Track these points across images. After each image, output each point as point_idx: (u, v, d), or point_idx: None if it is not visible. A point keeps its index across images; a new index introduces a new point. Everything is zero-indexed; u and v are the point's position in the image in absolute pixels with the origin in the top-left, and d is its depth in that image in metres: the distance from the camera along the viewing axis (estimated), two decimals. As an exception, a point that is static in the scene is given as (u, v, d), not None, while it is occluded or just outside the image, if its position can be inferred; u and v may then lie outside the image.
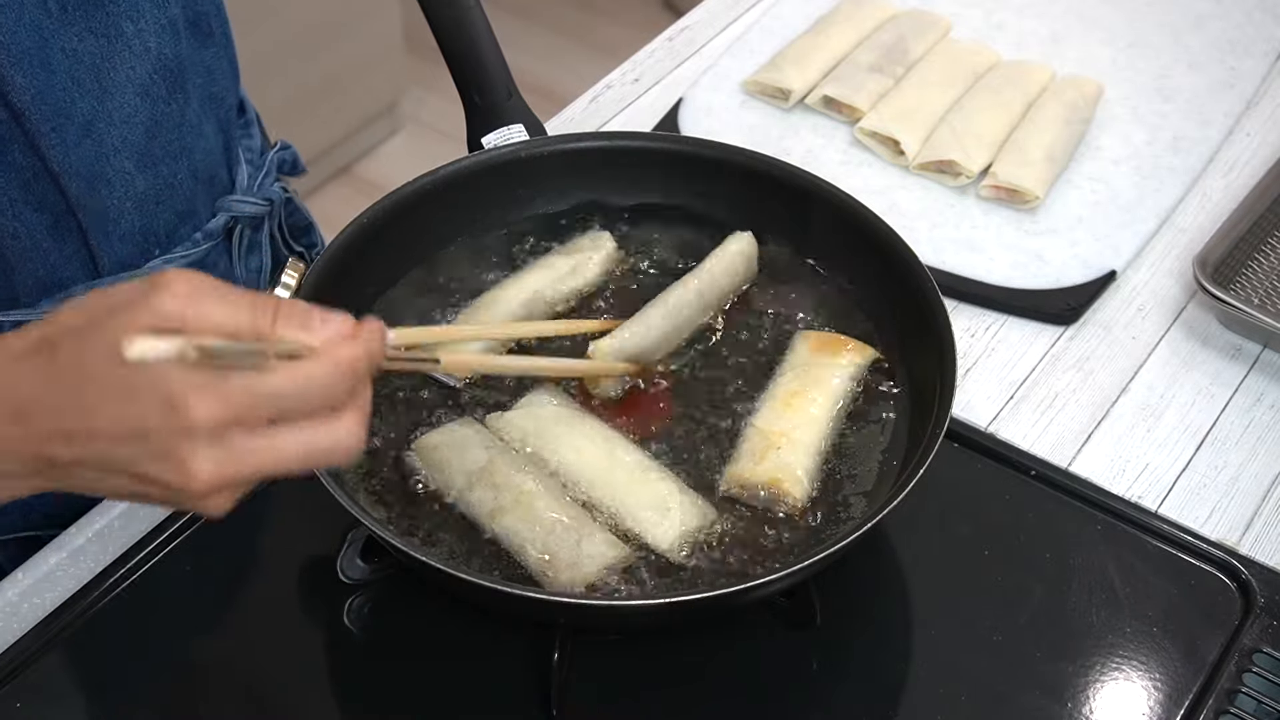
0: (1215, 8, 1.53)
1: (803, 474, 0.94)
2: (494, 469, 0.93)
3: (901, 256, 1.03)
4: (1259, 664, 0.93)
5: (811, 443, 0.97)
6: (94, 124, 0.96)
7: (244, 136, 1.19)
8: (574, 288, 1.08)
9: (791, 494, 0.94)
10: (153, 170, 1.02)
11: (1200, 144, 1.35)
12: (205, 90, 1.06)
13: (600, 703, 0.92)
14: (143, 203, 1.02)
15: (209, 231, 1.10)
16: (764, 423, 0.98)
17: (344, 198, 2.88)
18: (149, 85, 0.99)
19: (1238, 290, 1.19)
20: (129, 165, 1.00)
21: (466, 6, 1.14)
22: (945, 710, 0.92)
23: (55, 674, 0.93)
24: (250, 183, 1.16)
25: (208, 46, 1.05)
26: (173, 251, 1.07)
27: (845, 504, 0.95)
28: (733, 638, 0.95)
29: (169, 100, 1.01)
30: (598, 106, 1.41)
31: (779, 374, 1.02)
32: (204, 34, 1.04)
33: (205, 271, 1.08)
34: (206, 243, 1.09)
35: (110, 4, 0.94)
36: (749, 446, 0.97)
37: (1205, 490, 1.06)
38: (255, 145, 1.20)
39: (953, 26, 1.49)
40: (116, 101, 0.97)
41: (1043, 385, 1.14)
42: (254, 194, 1.14)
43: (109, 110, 0.96)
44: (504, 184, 1.12)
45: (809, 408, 0.98)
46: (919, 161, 1.31)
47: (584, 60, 3.29)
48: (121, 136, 0.98)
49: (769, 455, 0.95)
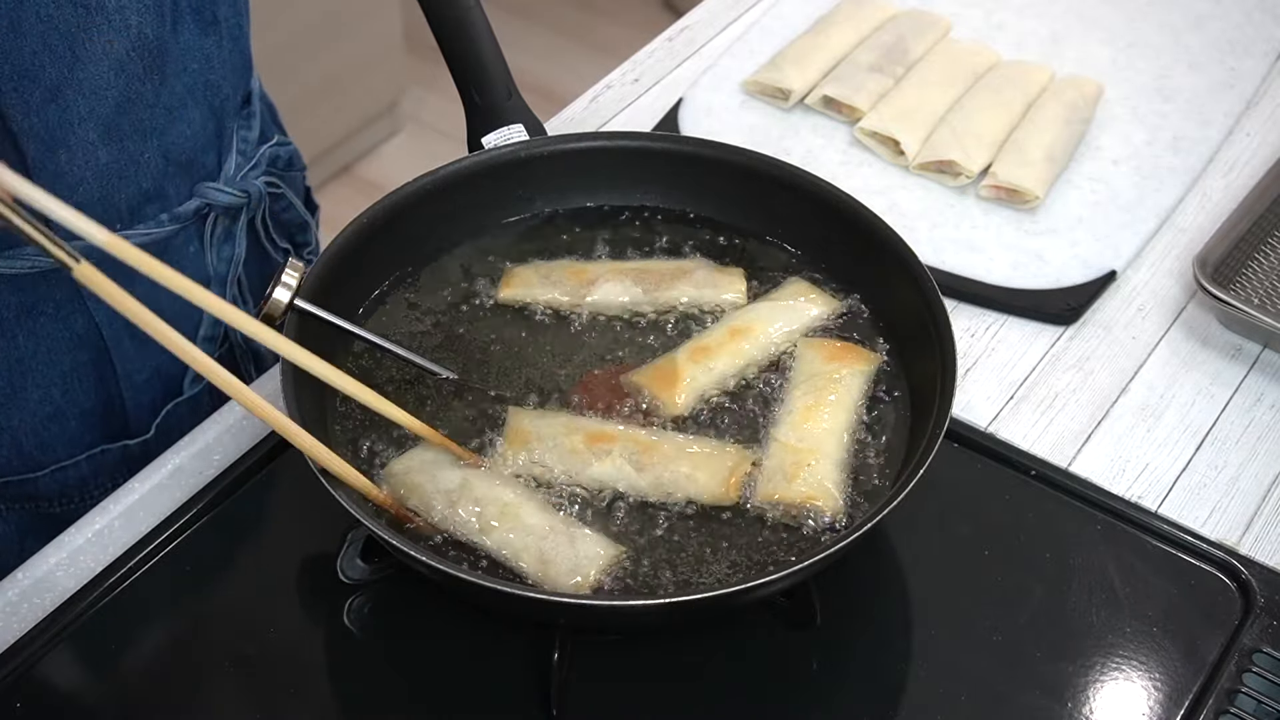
0: (1215, 8, 1.53)
1: (833, 486, 0.94)
2: (470, 486, 0.93)
3: (901, 256, 1.03)
4: (1259, 664, 0.93)
5: (835, 454, 0.96)
6: (61, 90, 0.96)
7: (243, 127, 1.18)
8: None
9: (827, 510, 0.93)
10: (118, 145, 1.02)
11: (1200, 144, 1.35)
12: (201, 76, 1.06)
13: (600, 703, 0.92)
14: (104, 175, 1.02)
15: (178, 214, 1.10)
16: (787, 437, 0.97)
17: (344, 198, 2.88)
18: (125, 61, 0.99)
19: (1238, 290, 1.19)
20: (93, 135, 1.00)
21: (466, 6, 1.14)
22: (945, 710, 0.92)
23: (55, 674, 0.93)
24: (236, 173, 1.16)
25: (209, 35, 1.05)
26: (135, 228, 1.07)
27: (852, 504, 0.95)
28: (733, 638, 0.95)
29: (145, 79, 1.01)
30: (598, 106, 1.41)
31: (792, 385, 1.01)
32: (206, 22, 1.05)
33: (171, 254, 1.09)
34: (173, 224, 1.09)
35: None
36: (776, 463, 0.96)
37: (1205, 490, 1.06)
38: (252, 137, 1.20)
39: (953, 26, 1.49)
40: (88, 71, 0.97)
41: (1043, 385, 1.14)
42: (234, 184, 1.14)
43: (79, 79, 0.97)
44: (504, 184, 1.12)
45: (828, 419, 0.98)
46: (919, 161, 1.31)
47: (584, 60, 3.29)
48: (88, 106, 0.98)
49: (800, 473, 0.95)
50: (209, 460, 1.05)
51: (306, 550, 1.00)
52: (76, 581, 0.97)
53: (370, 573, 0.94)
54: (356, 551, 0.94)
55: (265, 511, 1.03)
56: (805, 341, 1.04)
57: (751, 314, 1.05)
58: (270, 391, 1.09)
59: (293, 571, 0.99)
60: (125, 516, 1.01)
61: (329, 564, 0.94)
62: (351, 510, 0.85)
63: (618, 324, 1.07)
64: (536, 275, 1.08)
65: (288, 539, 1.01)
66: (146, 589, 0.97)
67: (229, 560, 1.00)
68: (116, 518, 1.01)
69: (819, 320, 1.06)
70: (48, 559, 0.99)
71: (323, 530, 0.97)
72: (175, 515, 1.01)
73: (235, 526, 1.01)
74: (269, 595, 0.98)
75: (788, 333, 1.05)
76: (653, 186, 1.15)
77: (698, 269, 1.09)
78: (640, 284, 1.08)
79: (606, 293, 1.07)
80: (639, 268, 1.09)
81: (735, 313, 1.06)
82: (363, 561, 0.94)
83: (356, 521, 0.86)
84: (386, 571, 0.94)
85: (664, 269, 1.09)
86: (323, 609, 0.96)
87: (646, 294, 1.08)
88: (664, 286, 1.08)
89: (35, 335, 1.07)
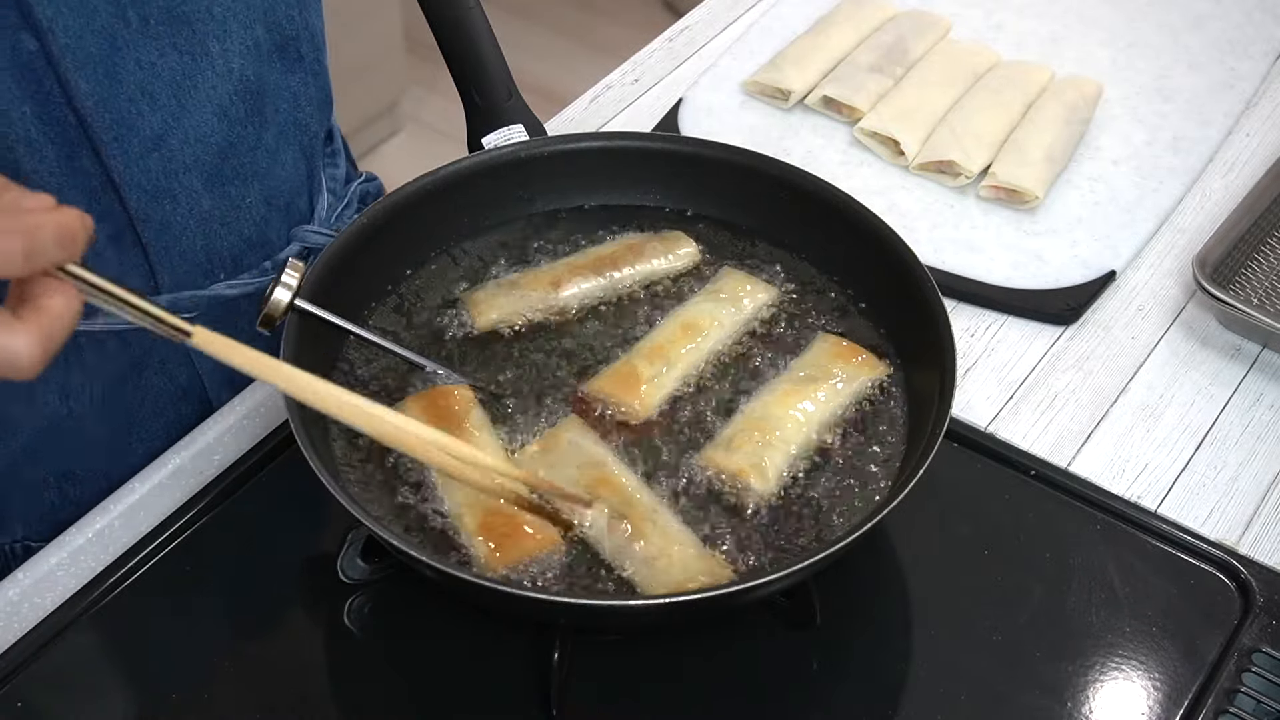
0: (1215, 8, 1.53)
1: (771, 469, 0.95)
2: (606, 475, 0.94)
3: (901, 256, 1.03)
4: (1258, 664, 0.94)
5: (792, 441, 0.97)
6: (165, 139, 0.95)
7: (329, 165, 1.18)
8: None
9: (757, 488, 0.94)
10: (221, 191, 1.01)
11: (1200, 144, 1.35)
12: (290, 116, 1.05)
13: (600, 703, 0.92)
14: (207, 222, 1.02)
15: (279, 261, 1.08)
16: (753, 411, 0.99)
17: (344, 198, 2.88)
18: (228, 106, 0.98)
19: (1237, 290, 1.19)
20: (197, 183, 0.99)
21: (466, 6, 1.14)
22: (945, 710, 0.92)
23: (56, 674, 0.93)
24: (329, 213, 1.15)
25: (295, 72, 1.04)
26: (238, 277, 1.06)
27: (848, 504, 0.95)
28: (733, 638, 0.95)
29: (246, 123, 1.00)
30: (598, 106, 1.42)
31: (788, 369, 1.02)
32: (292, 59, 1.03)
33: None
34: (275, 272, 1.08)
35: (198, 22, 0.93)
36: (731, 431, 0.97)
37: (1205, 490, 1.07)
38: (340, 175, 1.19)
39: (952, 27, 1.49)
40: (193, 119, 0.96)
41: (1042, 385, 1.14)
42: (330, 225, 1.13)
43: (183, 127, 0.96)
44: (504, 184, 1.12)
45: (802, 410, 0.98)
46: (918, 162, 1.31)
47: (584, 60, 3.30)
48: (193, 154, 0.98)
49: (745, 446, 0.95)
50: (209, 460, 1.05)
51: (306, 550, 1.00)
52: (77, 581, 0.97)
53: (370, 573, 0.94)
54: (356, 551, 0.94)
55: (265, 511, 1.03)
56: (825, 335, 1.05)
57: (694, 309, 1.06)
58: (270, 391, 1.09)
59: (293, 571, 0.99)
60: (125, 516, 1.01)
61: (329, 564, 0.94)
62: (351, 510, 0.85)
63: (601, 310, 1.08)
64: (501, 294, 1.07)
65: (288, 539, 1.01)
66: (146, 589, 0.97)
67: (229, 560, 1.00)
68: (116, 518, 1.01)
69: (763, 306, 1.07)
70: (48, 559, 0.99)
71: (323, 530, 0.98)
72: (175, 515, 1.01)
73: (235, 526, 1.01)
74: (269, 595, 0.98)
75: (736, 320, 1.06)
76: (653, 186, 1.15)
77: (645, 242, 1.11)
78: (600, 273, 1.09)
79: (575, 291, 1.08)
80: (594, 259, 1.10)
81: (679, 308, 1.07)
82: (363, 561, 0.94)
83: (356, 521, 0.86)
84: (386, 571, 0.94)
85: (615, 252, 1.10)
86: (323, 609, 0.96)
87: (610, 281, 1.09)
88: (623, 266, 1.09)
89: (141, 390, 1.07)
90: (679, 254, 1.11)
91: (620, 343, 1.05)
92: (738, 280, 1.08)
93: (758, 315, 1.07)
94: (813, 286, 1.10)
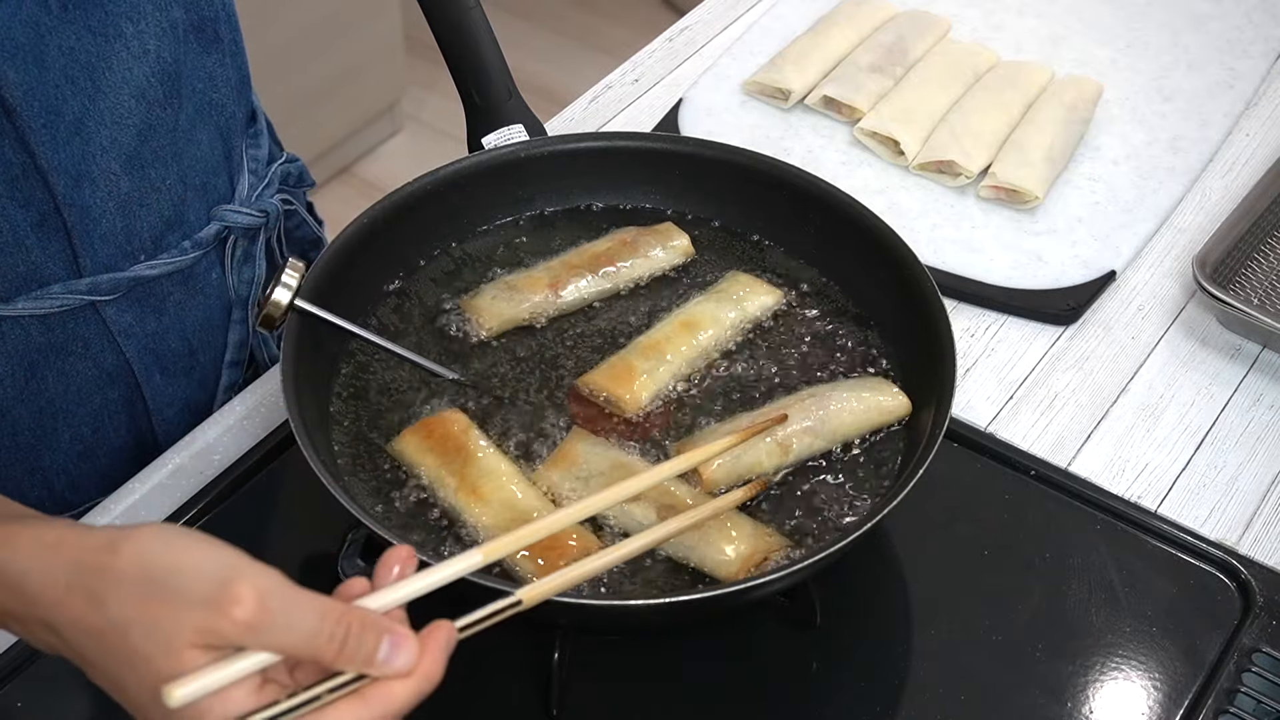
0: (1215, 8, 1.53)
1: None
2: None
3: (901, 256, 1.03)
4: (1258, 664, 0.94)
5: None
6: (84, 122, 0.95)
7: (251, 146, 1.17)
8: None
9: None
10: (139, 173, 1.01)
11: (1200, 144, 1.35)
12: (205, 97, 1.05)
13: (600, 703, 0.92)
14: (126, 204, 1.01)
15: (199, 240, 1.08)
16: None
17: (344, 198, 2.88)
18: (145, 88, 0.98)
19: (1237, 290, 1.19)
20: (115, 166, 0.99)
21: (466, 7, 1.14)
22: (945, 710, 0.92)
23: (56, 673, 0.93)
24: (250, 193, 1.14)
25: (211, 53, 1.04)
26: (158, 258, 1.05)
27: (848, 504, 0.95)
28: (733, 638, 0.95)
29: (165, 104, 1.00)
30: (598, 106, 1.42)
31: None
32: (209, 39, 1.03)
33: (195, 282, 1.09)
34: (196, 251, 1.07)
35: (110, 3, 0.93)
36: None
37: (1204, 490, 1.07)
38: (261, 155, 1.18)
39: (952, 27, 1.49)
40: (109, 101, 0.96)
41: (1042, 385, 1.14)
42: (250, 205, 1.13)
43: (100, 110, 0.96)
44: (504, 184, 1.12)
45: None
46: (919, 162, 1.31)
47: (584, 60, 3.30)
48: (111, 137, 0.97)
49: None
50: (209, 460, 1.05)
51: (306, 550, 0.99)
52: (77, 581, 0.97)
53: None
54: (356, 551, 0.94)
55: (265, 511, 1.03)
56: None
57: (698, 308, 1.07)
58: (270, 391, 1.09)
59: (293, 571, 0.97)
60: (125, 516, 1.01)
61: (329, 564, 0.94)
62: (351, 510, 0.85)
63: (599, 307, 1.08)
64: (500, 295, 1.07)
65: (288, 539, 1.01)
66: (147, 589, 0.97)
67: (229, 560, 1.00)
68: (116, 518, 1.01)
69: (767, 308, 1.07)
70: (48, 559, 0.98)
71: (323, 530, 0.97)
72: (175, 515, 1.01)
73: (235, 526, 1.01)
74: (269, 595, 0.98)
75: (736, 321, 1.06)
76: (653, 186, 1.15)
77: (636, 236, 1.11)
78: (596, 270, 1.09)
79: (573, 290, 1.08)
80: (589, 256, 1.10)
81: (683, 306, 1.07)
82: (363, 561, 0.94)
83: (356, 521, 0.86)
84: (387, 571, 0.94)
85: (610, 248, 1.10)
86: (323, 609, 0.96)
87: (608, 277, 1.09)
88: (619, 261, 1.09)
89: (65, 375, 1.05)
90: (672, 245, 1.11)
91: (618, 340, 1.05)
92: (743, 283, 1.09)
93: (761, 317, 1.07)
94: (813, 286, 1.10)
